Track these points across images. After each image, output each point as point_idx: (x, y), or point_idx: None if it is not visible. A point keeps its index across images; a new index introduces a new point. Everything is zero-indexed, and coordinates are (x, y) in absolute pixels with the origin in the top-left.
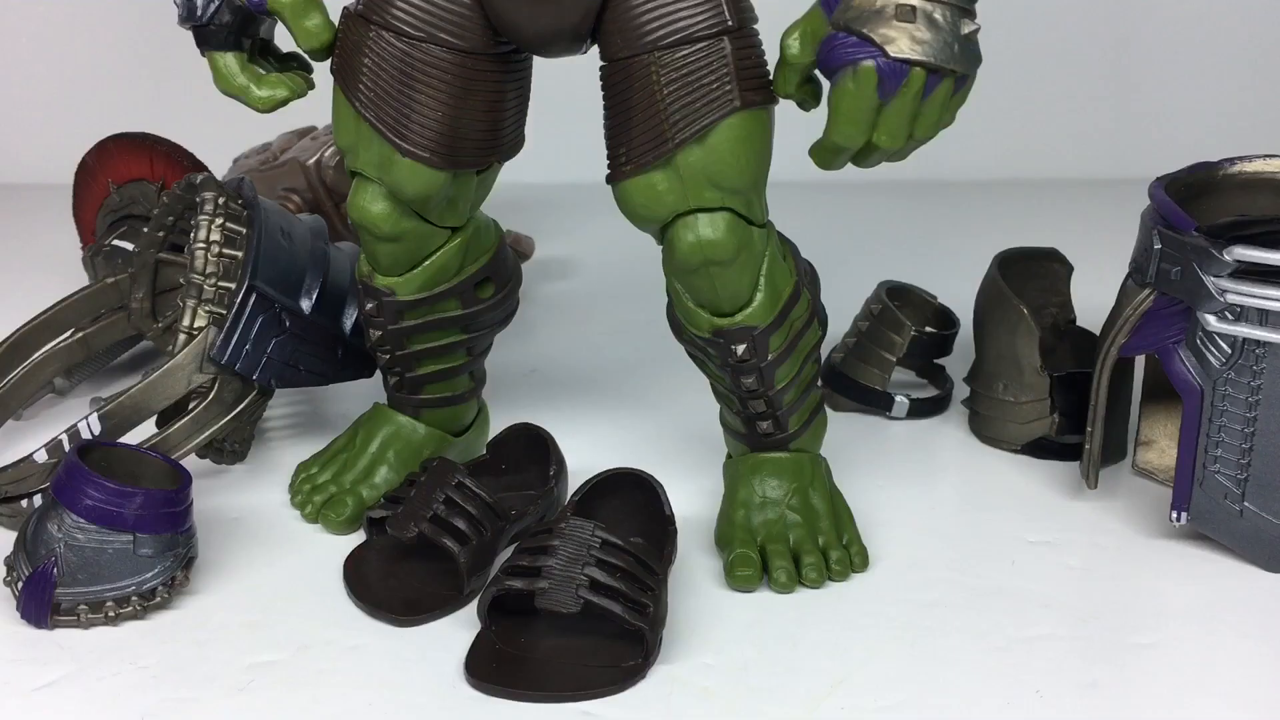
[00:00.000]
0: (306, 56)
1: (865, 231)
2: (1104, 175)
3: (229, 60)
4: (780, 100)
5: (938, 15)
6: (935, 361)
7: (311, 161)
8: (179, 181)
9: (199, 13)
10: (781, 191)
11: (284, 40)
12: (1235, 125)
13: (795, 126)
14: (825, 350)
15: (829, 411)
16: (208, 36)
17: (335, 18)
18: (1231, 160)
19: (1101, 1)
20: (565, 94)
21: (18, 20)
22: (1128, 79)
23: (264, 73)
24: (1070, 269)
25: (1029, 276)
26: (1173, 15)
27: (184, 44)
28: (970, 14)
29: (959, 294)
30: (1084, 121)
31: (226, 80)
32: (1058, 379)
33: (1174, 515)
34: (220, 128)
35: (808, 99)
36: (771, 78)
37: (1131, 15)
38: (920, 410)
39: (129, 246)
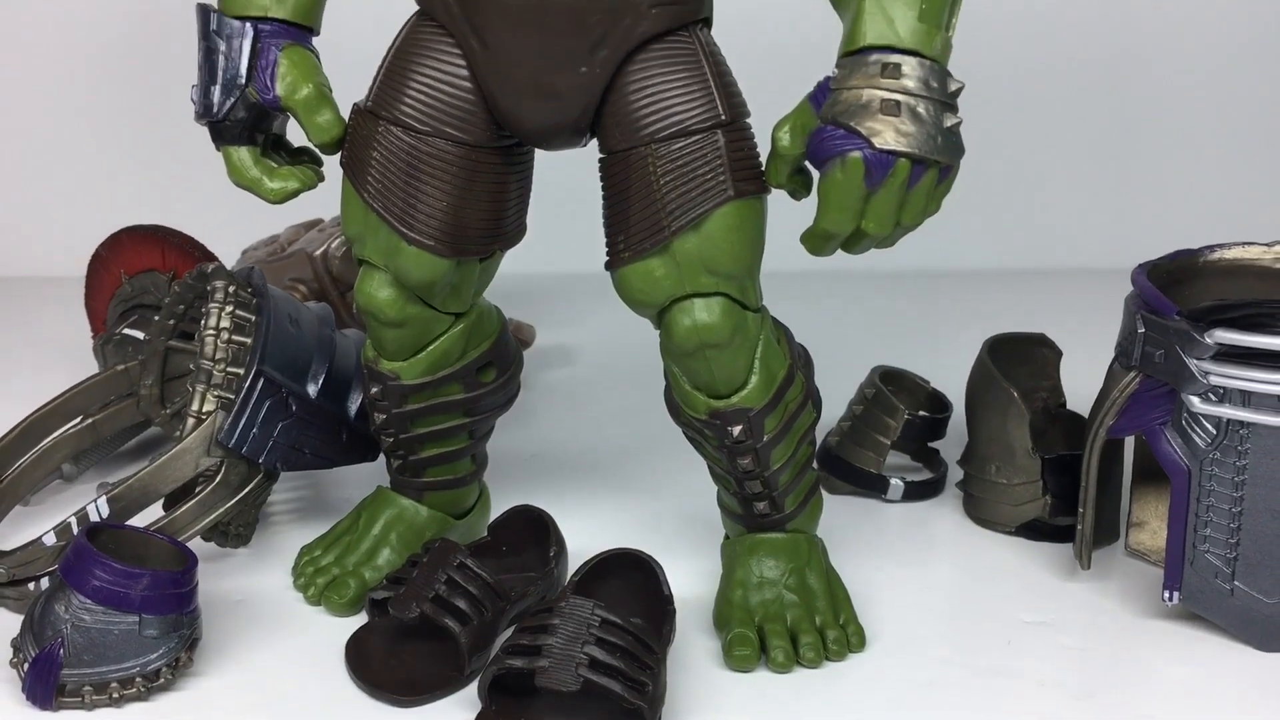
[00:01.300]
0: (317, 150)
1: (859, 319)
2: (1088, 265)
3: (243, 154)
4: (773, 190)
5: (921, 109)
6: (929, 445)
7: (318, 252)
8: (190, 271)
9: (215, 109)
10: (777, 280)
11: (295, 135)
12: (1215, 214)
13: (788, 216)
14: (821, 434)
15: (825, 494)
16: (223, 132)
17: (345, 113)
18: (1211, 248)
19: (1083, 99)
20: (566, 186)
21: (35, 116)
22: (1110, 172)
23: (276, 166)
24: (1059, 354)
25: (1018, 361)
26: (1153, 111)
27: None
28: (953, 108)
29: (951, 379)
30: (1068, 213)
31: (240, 173)
32: (1049, 461)
33: (1166, 595)
34: (229, 220)
35: (799, 189)
36: (764, 169)
37: (1113, 111)
38: (915, 493)
39: (139, 335)
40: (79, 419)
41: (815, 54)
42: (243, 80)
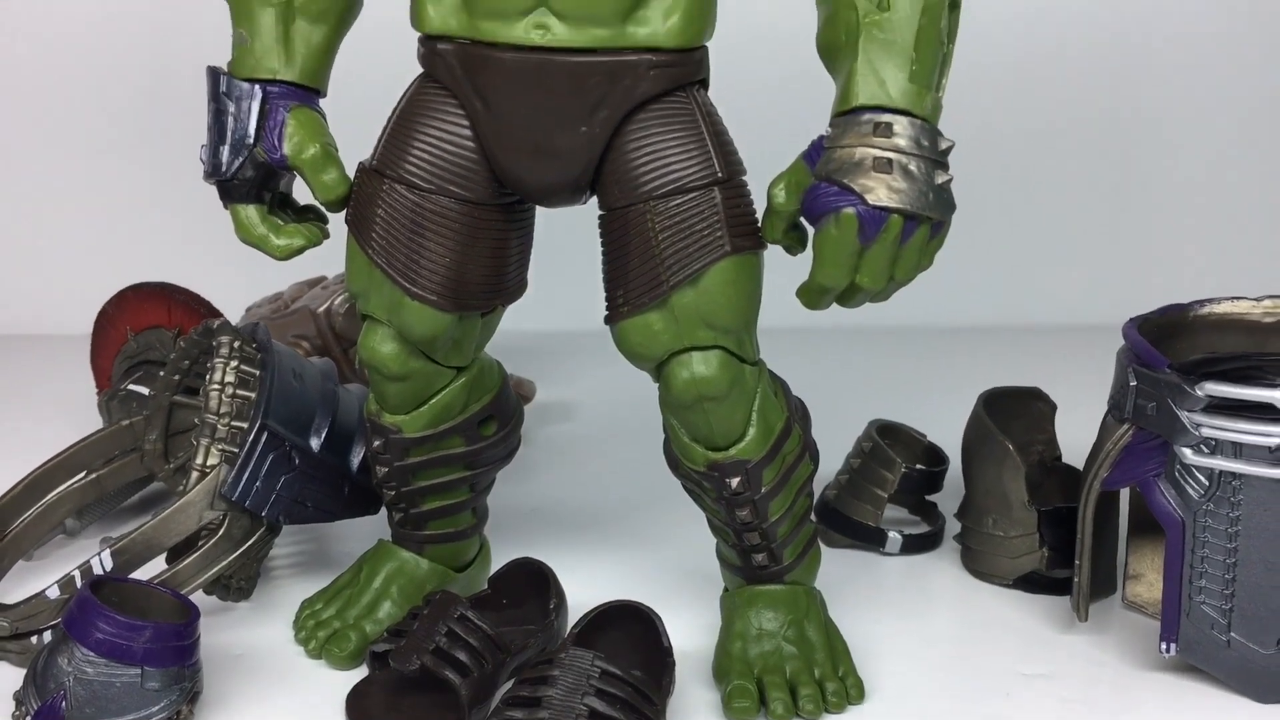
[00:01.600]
0: (323, 208)
1: (855, 374)
2: (1080, 321)
3: (250, 212)
4: (769, 246)
5: (913, 167)
6: (927, 498)
7: (321, 309)
8: (196, 327)
9: (224, 168)
10: (774, 336)
11: (301, 194)
12: (1204, 269)
13: (784, 272)
14: (819, 487)
15: (824, 546)
16: (231, 190)
17: (350, 172)
18: (1201, 302)
19: (1072, 158)
20: (566, 243)
21: (42, 175)
22: (1100, 229)
23: (282, 223)
24: (1053, 407)
25: (1013, 415)
26: (1141, 169)
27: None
28: (943, 166)
29: (947, 433)
30: (1060, 269)
31: (247, 230)
32: (1045, 514)
33: (1163, 646)
34: (234, 277)
35: (794, 244)
36: (760, 225)
37: (1102, 169)
38: (913, 546)
39: (144, 391)
40: (83, 474)
41: (809, 113)
42: (251, 140)
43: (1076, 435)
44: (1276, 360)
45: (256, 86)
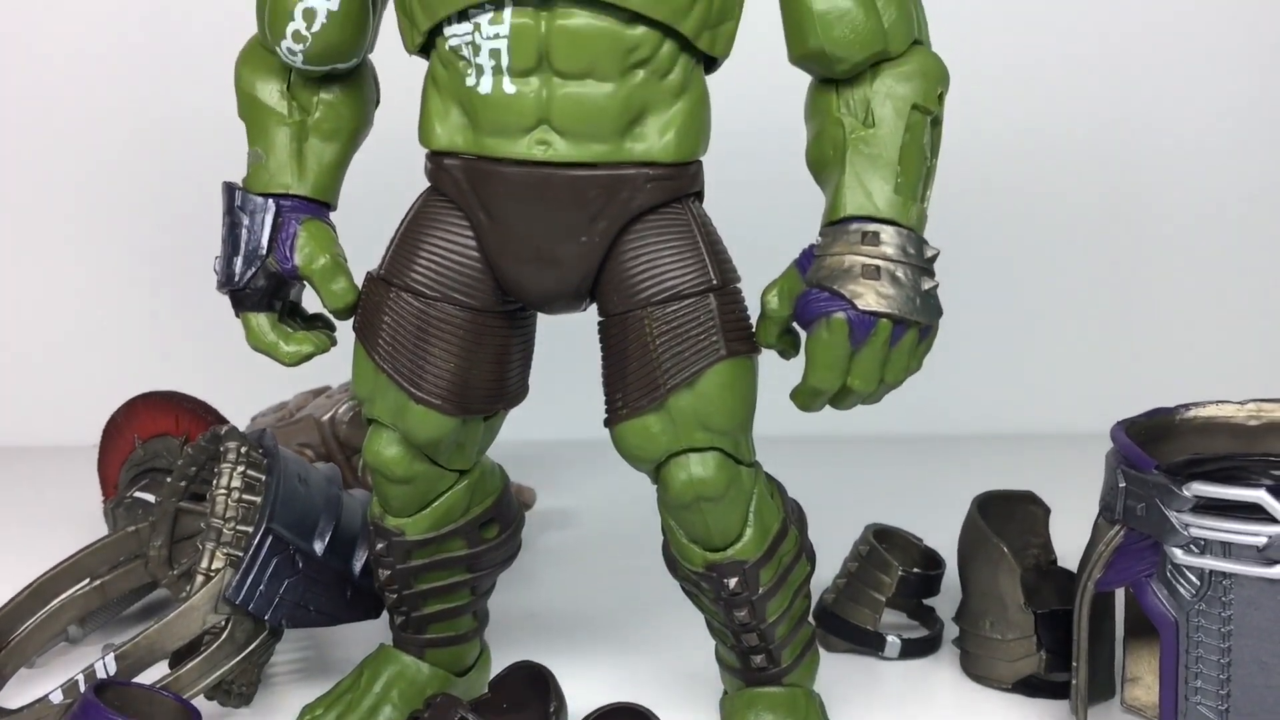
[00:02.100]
0: (331, 316)
1: (851, 480)
2: (1069, 429)
3: (261, 320)
4: (763, 350)
5: (899, 273)
6: (924, 602)
7: (325, 417)
8: (204, 434)
9: (237, 278)
10: (771, 444)
11: (310, 303)
12: (1190, 374)
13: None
14: (817, 592)
15: (822, 651)
16: (243, 299)
17: (358, 281)
18: (1186, 406)
19: (1057, 269)
20: (565, 355)
21: (55, 289)
22: (1086, 337)
23: (291, 331)
24: (1047, 510)
25: (1008, 518)
26: (1126, 279)
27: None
28: (929, 273)
29: (943, 537)
30: (1049, 377)
31: (258, 337)
32: (1041, 616)
33: None
34: (241, 387)
35: (788, 348)
36: (754, 330)
37: (1087, 280)
38: (912, 650)
39: (150, 498)
40: (87, 581)
41: (800, 224)
42: (264, 251)
43: (1071, 539)
44: (1262, 461)
45: (270, 200)
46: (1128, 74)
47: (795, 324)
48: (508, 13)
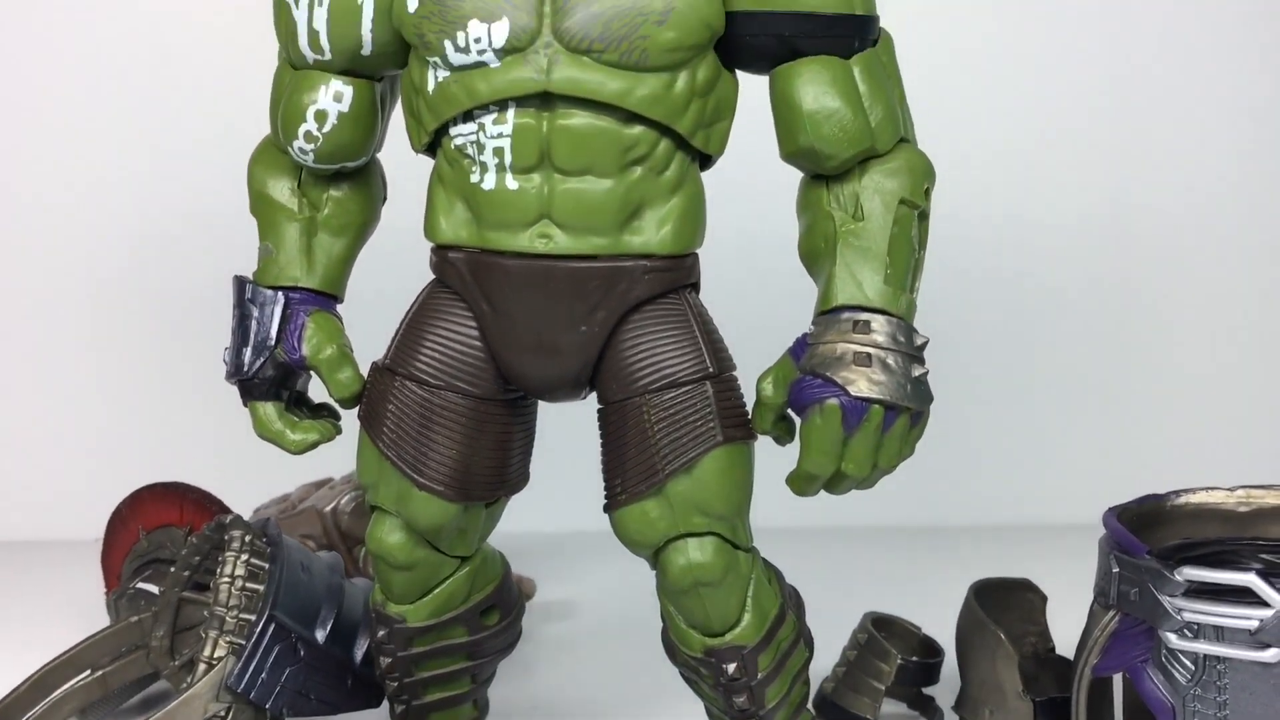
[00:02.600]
0: (337, 405)
1: (849, 570)
2: (1064, 519)
3: (269, 409)
4: (759, 437)
5: (890, 361)
6: (924, 691)
7: (328, 509)
8: (209, 523)
9: (246, 368)
10: (769, 536)
11: (316, 393)
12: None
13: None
14: (816, 680)
15: None
16: (252, 389)
17: (364, 371)
18: (1177, 493)
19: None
20: (565, 447)
21: (60, 384)
22: (1077, 427)
23: (298, 420)
24: (1044, 598)
25: (1005, 607)
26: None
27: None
28: (919, 360)
29: (941, 627)
30: (1043, 468)
31: (265, 426)
32: (1040, 704)
33: None
34: (244, 478)
35: (783, 435)
36: (750, 416)
37: (1075, 371)
38: None
39: (153, 589)
40: (89, 671)
41: (793, 313)
42: (273, 342)
43: (1068, 627)
44: (1252, 545)
45: (280, 293)
46: (1117, 163)
47: (790, 410)
48: (511, 113)
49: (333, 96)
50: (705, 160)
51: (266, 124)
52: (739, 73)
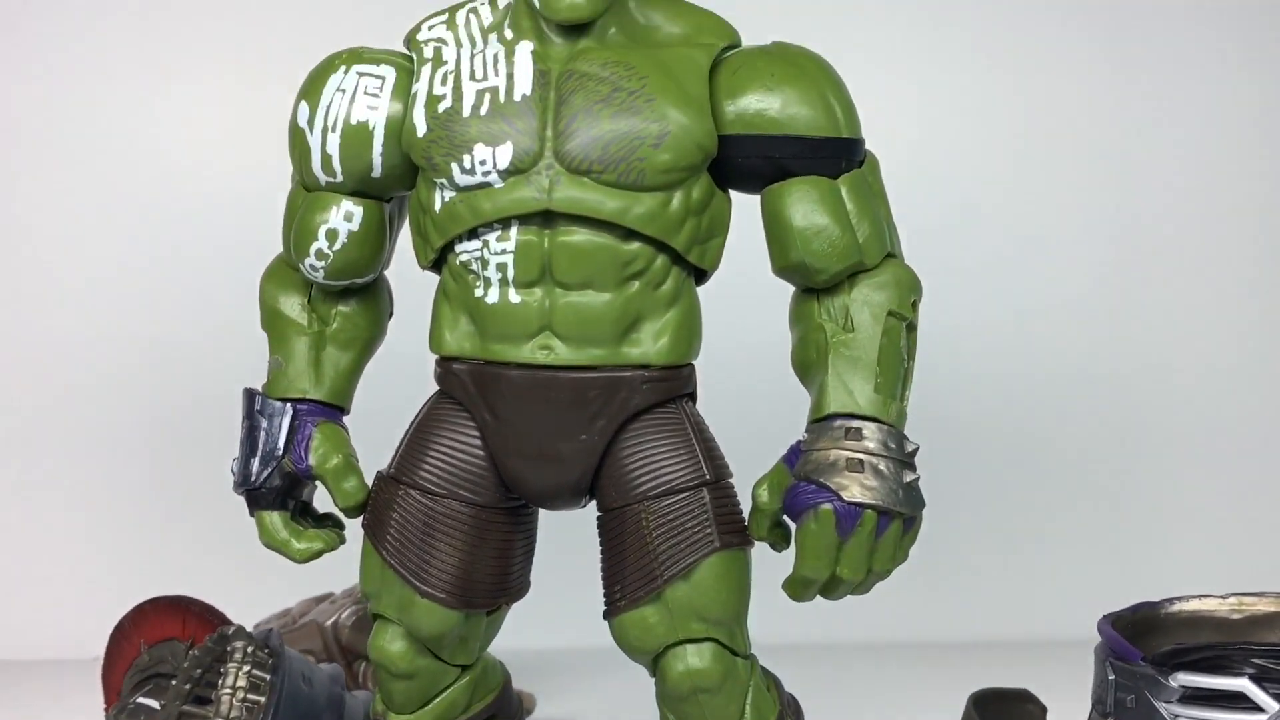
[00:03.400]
0: (341, 515)
1: (849, 686)
2: (1060, 634)
3: (274, 518)
4: (755, 543)
5: (882, 467)
6: None
7: (329, 623)
8: (211, 635)
9: (253, 479)
10: (769, 654)
11: (321, 503)
12: (1174, 569)
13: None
14: None
15: None
16: (258, 499)
17: (369, 481)
18: (1171, 600)
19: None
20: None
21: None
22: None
23: (303, 529)
24: (1044, 709)
25: (1005, 718)
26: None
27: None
28: (911, 466)
29: None
30: (1037, 583)
31: (271, 535)
32: None
33: None
34: (246, 591)
35: (778, 541)
36: (746, 523)
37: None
38: None
39: (153, 704)
40: None
41: (787, 422)
42: (280, 452)
43: None
44: (1245, 649)
45: (288, 405)
46: (1109, 272)
47: (785, 517)
48: (514, 231)
49: (343, 216)
50: (700, 275)
51: (274, 243)
52: (732, 192)
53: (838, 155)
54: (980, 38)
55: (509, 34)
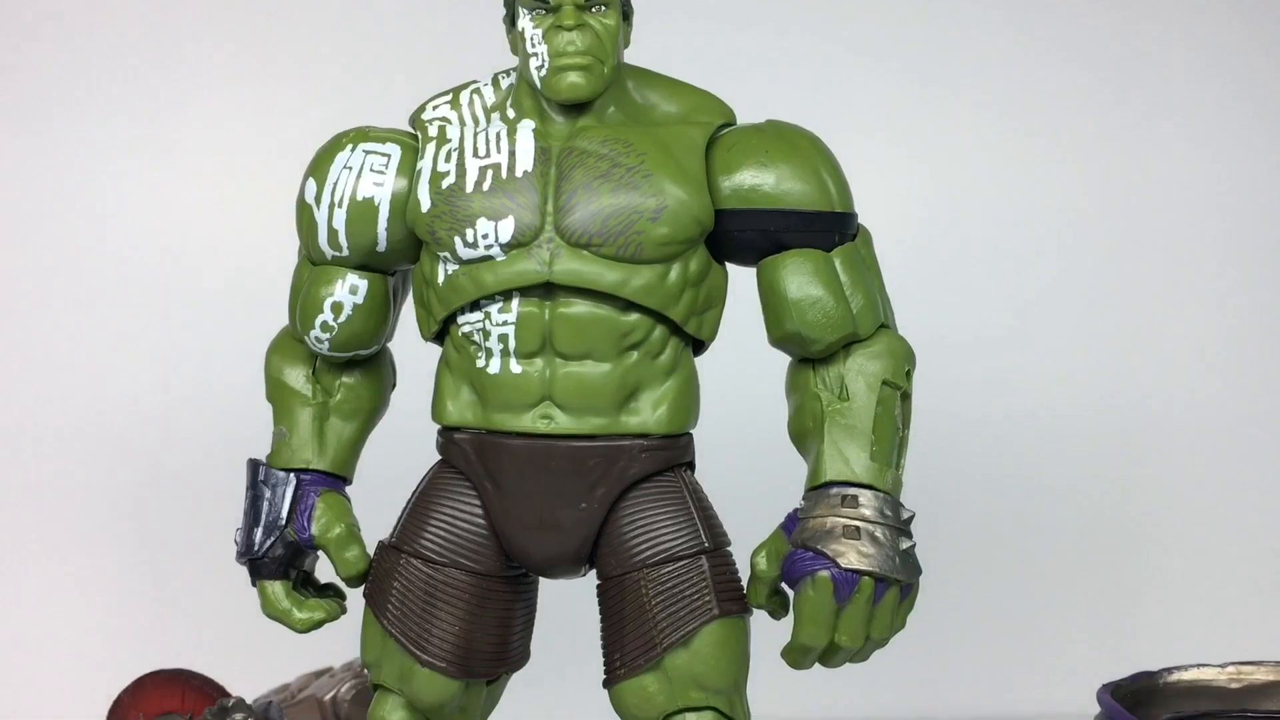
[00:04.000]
0: (343, 585)
1: None
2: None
3: (276, 588)
4: (755, 612)
5: (878, 534)
6: None
7: (328, 697)
8: (210, 708)
9: (256, 548)
10: None
11: (323, 573)
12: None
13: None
14: None
15: None
16: (261, 568)
17: (370, 550)
18: (1169, 670)
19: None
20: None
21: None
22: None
23: (304, 599)
24: None
25: None
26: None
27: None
28: (907, 534)
29: None
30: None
31: (273, 604)
32: None
33: None
34: (246, 665)
35: (777, 609)
36: (745, 591)
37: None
38: None
39: None
40: None
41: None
42: (283, 522)
43: None
44: (1241, 717)
45: (292, 475)
46: (1106, 348)
47: (784, 584)
48: (515, 303)
49: (349, 289)
50: (698, 345)
51: (275, 319)
52: (728, 264)
53: (831, 229)
54: (976, 113)
55: (511, 113)
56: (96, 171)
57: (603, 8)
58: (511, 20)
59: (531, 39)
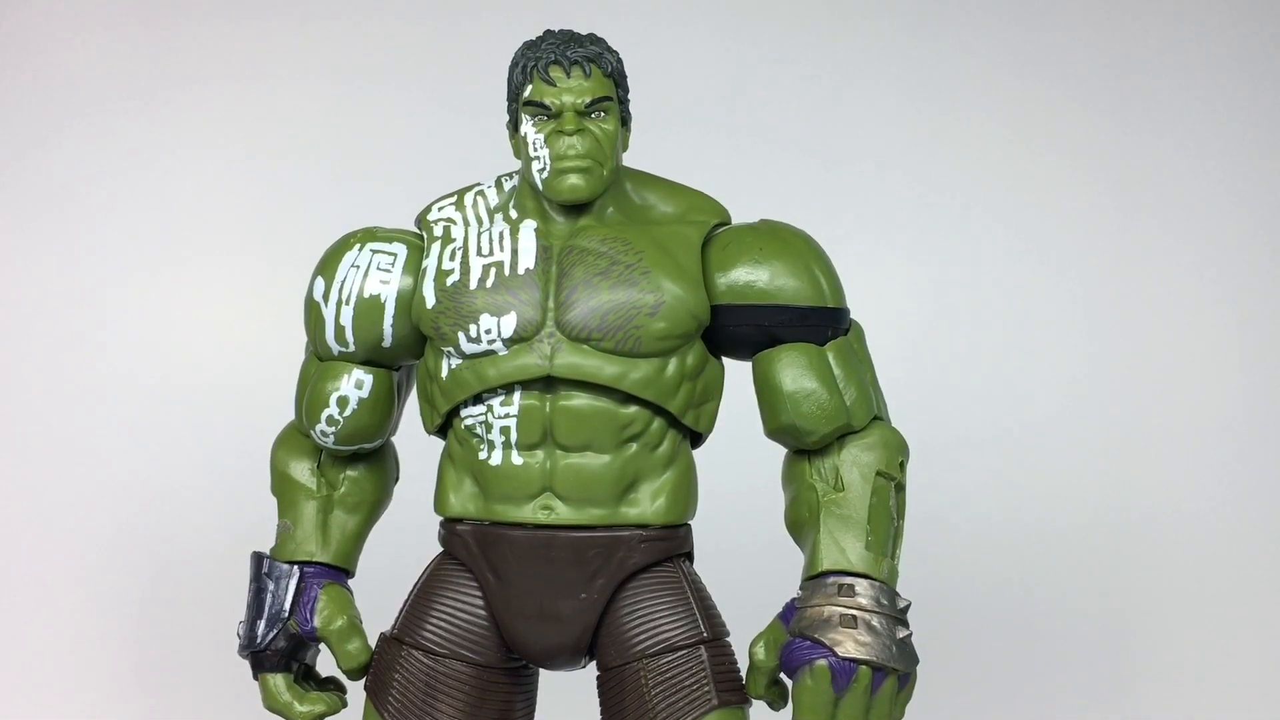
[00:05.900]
0: (344, 677)
1: None
2: None
3: (278, 680)
4: (753, 702)
5: (875, 623)
6: None
7: None
8: None
9: (258, 640)
10: None
11: (324, 666)
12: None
13: None
14: None
15: None
16: (263, 661)
17: (372, 642)
18: None
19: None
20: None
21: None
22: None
23: (305, 692)
24: None
25: None
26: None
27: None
28: (903, 622)
29: None
30: None
31: (274, 697)
32: None
33: None
34: None
35: (775, 699)
36: (744, 681)
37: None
38: None
39: None
40: None
41: (782, 581)
42: (286, 614)
43: None
44: None
45: (295, 567)
46: (1103, 460)
47: (782, 674)
48: (517, 396)
49: (354, 384)
50: (696, 438)
51: (278, 415)
52: (724, 358)
53: (824, 323)
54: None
55: (514, 213)
56: (100, 273)
57: (602, 114)
58: (514, 125)
59: (534, 143)
